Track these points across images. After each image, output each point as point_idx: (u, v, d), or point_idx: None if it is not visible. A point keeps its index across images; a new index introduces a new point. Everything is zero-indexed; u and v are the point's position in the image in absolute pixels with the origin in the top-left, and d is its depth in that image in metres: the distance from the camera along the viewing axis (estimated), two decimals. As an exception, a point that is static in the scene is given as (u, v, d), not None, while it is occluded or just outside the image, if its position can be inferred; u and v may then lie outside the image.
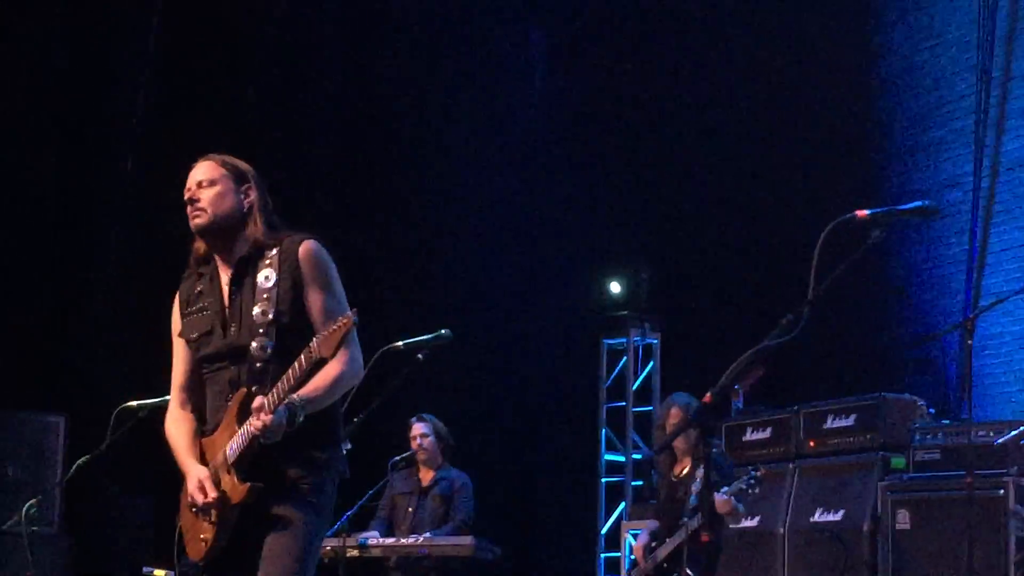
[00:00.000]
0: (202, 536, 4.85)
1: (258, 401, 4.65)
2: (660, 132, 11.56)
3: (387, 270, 11.72)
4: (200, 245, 5.00)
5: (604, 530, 11.65)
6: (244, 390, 4.78)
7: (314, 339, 4.56)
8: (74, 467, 7.70)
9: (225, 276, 4.96)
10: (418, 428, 9.29)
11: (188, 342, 4.99)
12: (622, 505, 11.62)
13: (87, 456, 7.58)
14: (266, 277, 4.85)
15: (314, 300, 4.83)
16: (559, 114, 11.99)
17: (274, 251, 4.88)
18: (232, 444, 4.76)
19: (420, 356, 6.36)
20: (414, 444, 9.26)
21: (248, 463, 4.74)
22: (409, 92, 12.12)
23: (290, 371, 4.61)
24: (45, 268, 11.45)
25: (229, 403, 4.83)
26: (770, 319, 3.94)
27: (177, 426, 5.01)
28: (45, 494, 9.32)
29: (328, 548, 8.34)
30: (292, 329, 4.77)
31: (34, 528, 8.69)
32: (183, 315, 5.03)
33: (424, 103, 12.04)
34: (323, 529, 4.90)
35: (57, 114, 11.60)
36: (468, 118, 11.96)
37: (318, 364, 4.65)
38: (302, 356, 4.58)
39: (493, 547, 8.78)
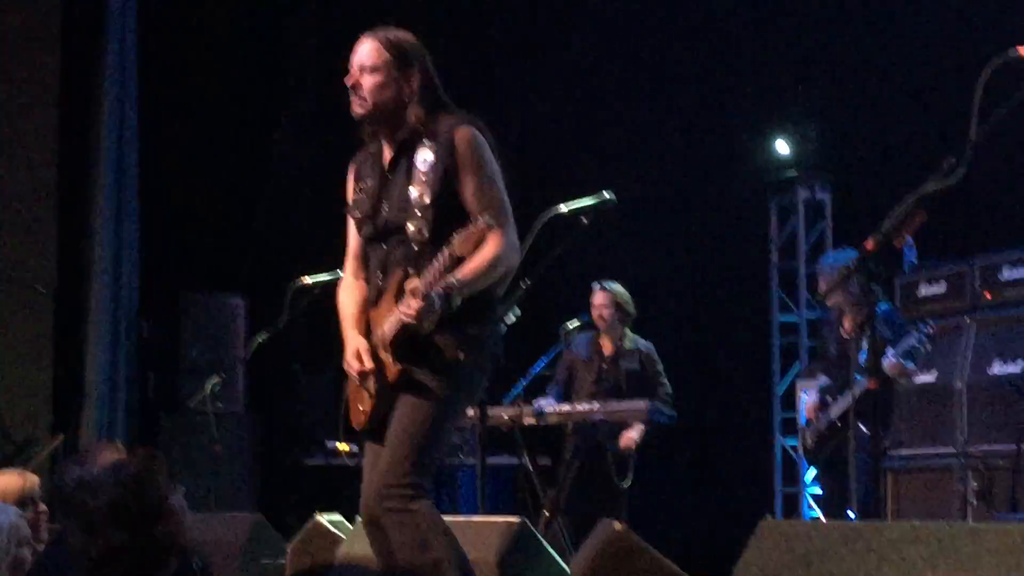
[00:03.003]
0: (361, 407, 4.96)
1: (411, 283, 4.73)
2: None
3: (549, 131, 11.66)
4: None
5: (780, 391, 11.62)
6: (401, 270, 4.84)
7: (454, 236, 4.61)
8: (254, 344, 7.99)
9: (387, 156, 5.00)
10: (600, 297, 9.19)
11: (352, 218, 5.09)
12: (796, 365, 11.58)
13: (265, 333, 7.88)
14: (424, 160, 4.87)
15: (468, 185, 4.84)
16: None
17: (434, 131, 4.89)
18: (388, 323, 4.83)
19: (584, 220, 6.25)
20: (595, 313, 9.19)
21: (402, 341, 4.80)
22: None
23: (435, 262, 4.67)
24: (221, 149, 11.59)
25: (387, 283, 4.88)
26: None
27: (348, 295, 5.09)
28: (228, 372, 9.51)
29: (504, 417, 8.37)
30: (448, 212, 4.78)
31: (219, 404, 8.97)
32: (353, 191, 5.11)
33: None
34: (461, 402, 4.94)
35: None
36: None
37: (458, 261, 4.68)
38: (444, 252, 4.63)
39: (667, 410, 8.80)
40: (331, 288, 5.55)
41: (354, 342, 4.93)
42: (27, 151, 10.92)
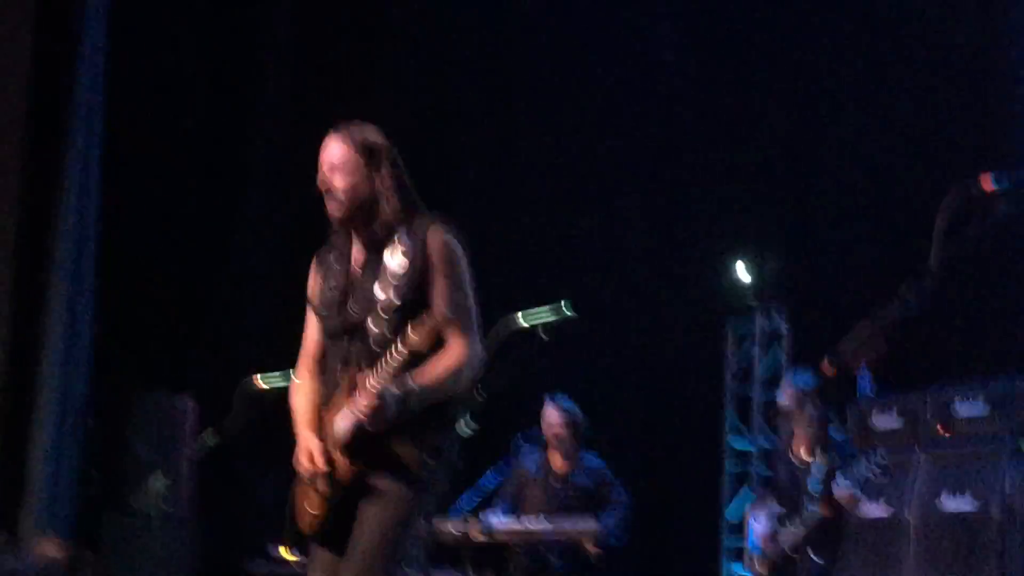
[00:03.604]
0: (311, 510, 4.85)
1: (364, 379, 4.66)
2: (783, 115, 11.41)
3: (512, 242, 11.62)
4: None
5: (728, 517, 11.50)
6: (357, 369, 4.75)
7: (408, 327, 4.57)
8: (202, 444, 8.05)
9: (356, 252, 4.94)
10: (553, 415, 9.00)
11: (316, 313, 5.00)
12: (746, 491, 11.46)
13: (214, 434, 7.91)
14: (394, 260, 4.80)
15: (437, 289, 4.79)
16: (690, 93, 11.81)
17: (404, 232, 4.83)
18: (341, 423, 4.74)
19: (543, 335, 6.27)
20: (547, 430, 8.99)
21: (357, 442, 4.72)
22: (542, 66, 12.08)
23: (389, 357, 4.61)
24: (176, 245, 11.48)
25: (341, 381, 4.79)
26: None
27: (301, 393, 5.00)
28: (174, 473, 9.44)
29: (452, 531, 8.24)
30: (414, 316, 4.68)
31: (164, 507, 9.02)
32: (317, 285, 5.03)
33: (556, 75, 11.99)
34: (422, 508, 4.85)
35: (197, 76, 11.65)
36: (599, 90, 11.91)
37: (414, 357, 4.62)
38: (398, 344, 4.58)
39: (619, 530, 8.69)
40: (283, 391, 5.47)
41: (306, 441, 4.83)
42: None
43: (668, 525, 11.32)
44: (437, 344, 4.71)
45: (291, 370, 5.36)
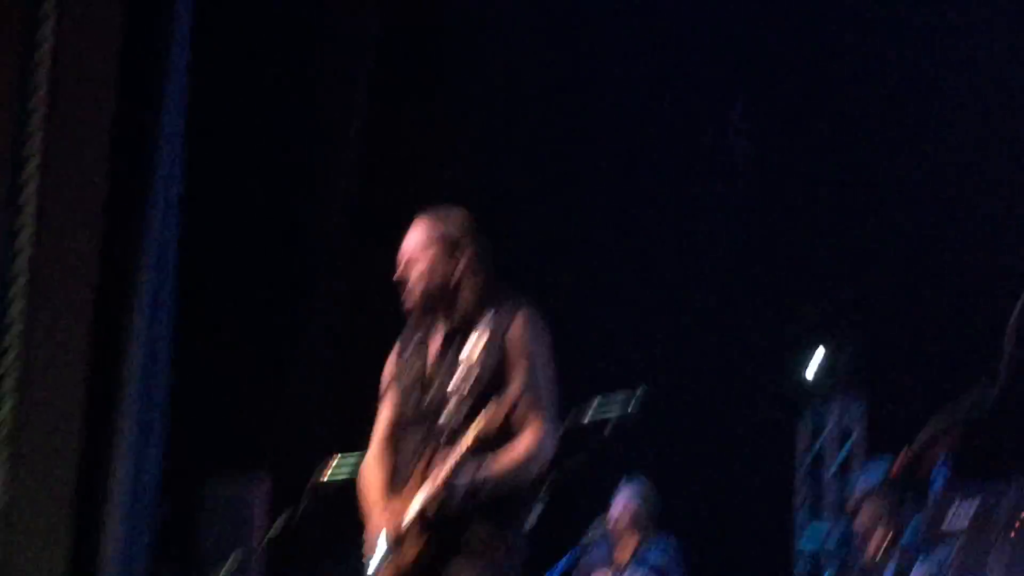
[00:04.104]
0: None
1: (432, 475, 4.64)
2: (857, 206, 11.39)
3: (591, 327, 11.38)
4: None
5: None
6: (426, 462, 4.73)
7: (482, 412, 4.55)
8: (268, 535, 7.63)
9: (437, 340, 4.91)
10: (616, 505, 8.84)
11: (391, 400, 4.97)
12: None
13: (282, 522, 7.38)
14: (472, 347, 4.76)
15: (517, 373, 4.73)
16: (760, 187, 11.82)
17: (486, 319, 4.79)
18: (409, 511, 4.71)
19: (606, 432, 6.31)
20: (610, 524, 8.82)
21: (425, 525, 4.69)
22: (611, 169, 12.03)
23: (459, 445, 4.59)
24: (252, 313, 11.31)
25: (413, 471, 4.76)
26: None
27: (370, 478, 4.97)
28: (244, 558, 9.12)
29: None
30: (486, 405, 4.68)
31: None
32: (396, 368, 5.00)
33: (628, 161, 11.96)
34: None
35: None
36: (669, 179, 11.88)
37: (483, 443, 4.59)
38: (470, 432, 4.56)
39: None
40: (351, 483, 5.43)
41: (377, 520, 4.81)
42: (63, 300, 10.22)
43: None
44: (513, 427, 4.67)
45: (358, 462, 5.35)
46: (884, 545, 7.91)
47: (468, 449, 4.58)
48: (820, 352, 11.50)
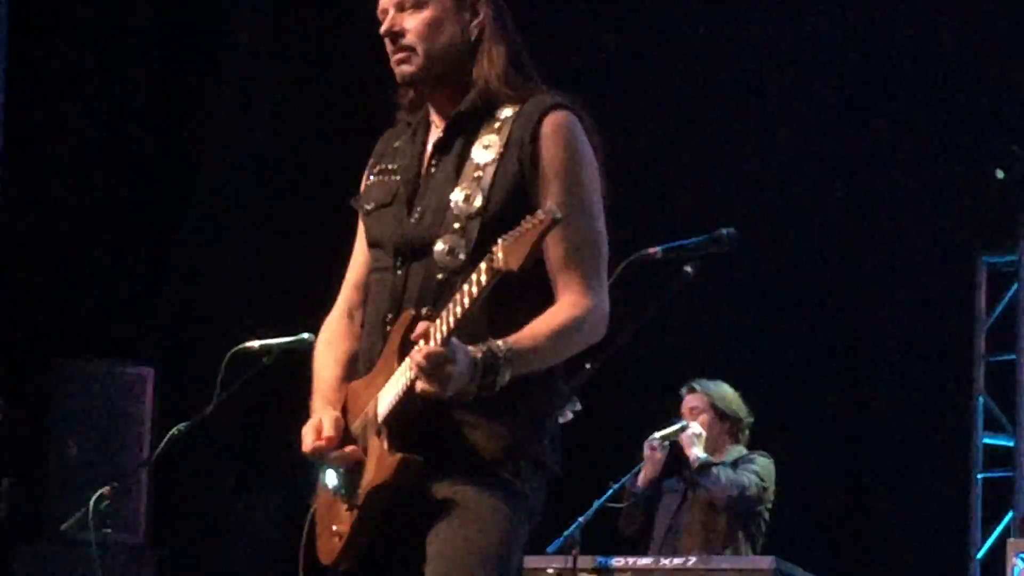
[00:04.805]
0: (335, 527, 3.89)
1: (421, 327, 3.66)
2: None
3: (662, 158, 9.57)
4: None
5: (980, 552, 8.90)
6: (409, 313, 3.79)
7: (498, 241, 3.55)
8: (164, 441, 6.21)
9: (435, 133, 4.03)
10: (689, 401, 7.78)
11: (362, 215, 4.12)
12: (1009, 515, 8.82)
13: (184, 424, 6.14)
14: (485, 147, 3.92)
15: (548, 197, 3.81)
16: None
17: (509, 111, 3.91)
18: (386, 394, 3.78)
19: (688, 269, 5.47)
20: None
21: (408, 423, 3.74)
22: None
23: (464, 288, 3.59)
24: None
25: (389, 329, 3.86)
26: None
27: (331, 345, 4.09)
28: (122, 482, 7.24)
29: (550, 570, 7.01)
30: (505, 232, 3.62)
31: (107, 531, 6.75)
32: (369, 173, 4.16)
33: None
34: (524, 527, 3.82)
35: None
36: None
37: (510, 285, 3.63)
38: (481, 267, 3.57)
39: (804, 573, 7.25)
40: (290, 357, 5.05)
41: (321, 414, 3.89)
42: None
43: (887, 561, 9.08)
44: (539, 285, 3.78)
45: (304, 335, 5.03)
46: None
47: (477, 298, 3.59)
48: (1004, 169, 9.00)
